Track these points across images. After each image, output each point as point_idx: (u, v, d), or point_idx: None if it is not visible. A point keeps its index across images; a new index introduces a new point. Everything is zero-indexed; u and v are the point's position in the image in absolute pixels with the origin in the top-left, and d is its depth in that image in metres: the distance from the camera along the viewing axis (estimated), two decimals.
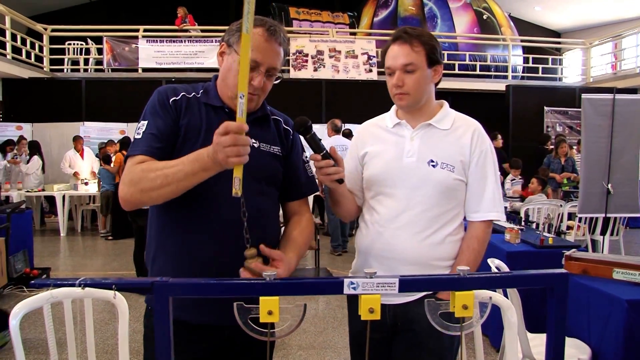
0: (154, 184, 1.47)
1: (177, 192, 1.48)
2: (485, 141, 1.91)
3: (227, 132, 1.33)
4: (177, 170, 1.45)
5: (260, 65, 1.61)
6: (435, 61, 1.88)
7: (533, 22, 18.82)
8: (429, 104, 1.94)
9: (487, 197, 1.89)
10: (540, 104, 12.00)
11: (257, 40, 1.60)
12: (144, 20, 13.46)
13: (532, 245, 4.17)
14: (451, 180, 1.85)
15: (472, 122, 1.96)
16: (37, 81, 11.49)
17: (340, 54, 11.75)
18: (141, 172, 1.49)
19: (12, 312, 1.99)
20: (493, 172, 1.91)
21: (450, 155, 1.87)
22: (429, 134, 1.91)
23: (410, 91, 1.86)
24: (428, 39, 1.87)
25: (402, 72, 1.85)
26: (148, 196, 1.50)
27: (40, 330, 4.39)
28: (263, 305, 0.92)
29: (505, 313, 2.01)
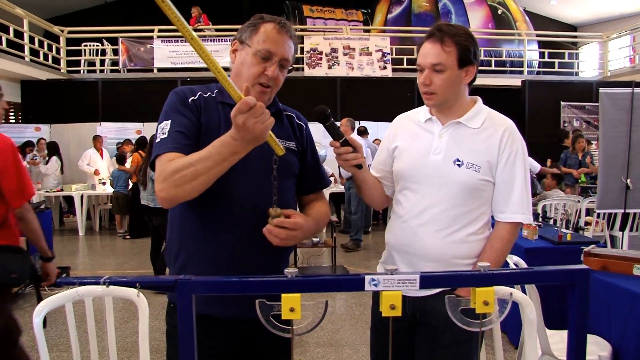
0: (187, 178, 1.47)
1: (209, 181, 1.48)
2: (516, 141, 1.88)
3: (245, 110, 1.35)
4: (207, 158, 1.45)
5: (273, 55, 1.65)
6: (467, 62, 1.85)
7: (549, 16, 18.63)
8: (460, 103, 1.92)
9: (514, 199, 1.87)
10: (557, 99, 11.87)
11: (269, 32, 1.65)
12: (158, 20, 13.50)
13: (550, 241, 4.15)
14: (475, 181, 1.84)
15: (503, 121, 1.93)
16: (55, 83, 11.63)
17: (354, 51, 11.74)
18: (173, 168, 1.50)
19: (35, 310, 2.03)
20: (522, 173, 1.87)
21: (477, 155, 1.85)
22: (457, 132, 1.90)
23: (437, 91, 1.85)
24: (463, 38, 1.84)
25: (431, 71, 1.84)
26: (183, 190, 1.49)
27: (61, 328, 4.45)
28: (285, 302, 0.93)
29: (524, 310, 2.00)
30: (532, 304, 1.99)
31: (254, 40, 1.66)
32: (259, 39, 1.65)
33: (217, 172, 1.47)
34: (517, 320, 2.68)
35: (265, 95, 1.68)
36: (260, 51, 1.64)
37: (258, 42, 1.65)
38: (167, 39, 12.01)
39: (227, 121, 1.64)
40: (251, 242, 1.64)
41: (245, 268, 1.62)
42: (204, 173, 1.45)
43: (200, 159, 1.46)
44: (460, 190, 1.84)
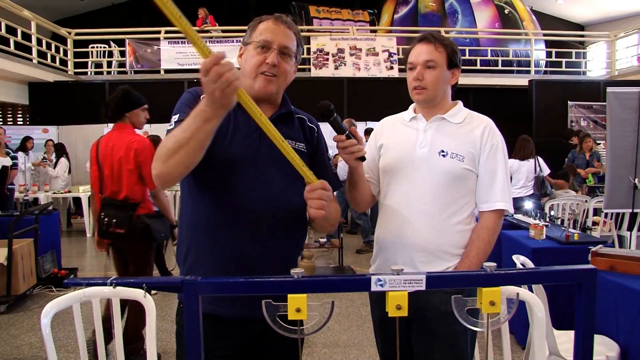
0: (170, 151, 1.47)
1: (191, 153, 1.46)
2: (496, 136, 2.02)
3: (202, 74, 1.32)
4: (184, 129, 1.44)
5: (271, 43, 1.68)
6: (454, 64, 2.03)
7: (555, 15, 18.55)
8: (444, 103, 2.07)
9: (496, 188, 1.99)
10: (564, 98, 11.81)
11: (266, 25, 1.71)
12: (165, 22, 13.49)
13: (558, 241, 4.13)
14: (460, 169, 1.96)
15: (484, 118, 2.08)
16: (62, 84, 11.69)
17: (361, 51, 11.73)
18: (161, 145, 1.53)
19: (43, 311, 2.04)
20: (503, 165, 2.01)
21: (460, 146, 1.98)
22: (442, 127, 2.04)
23: (428, 86, 2.00)
24: (450, 43, 2.03)
25: (423, 67, 1.99)
26: (169, 165, 1.49)
27: (69, 329, 4.47)
28: (291, 303, 0.94)
29: (532, 309, 2.00)
30: (541, 303, 1.98)
31: (253, 37, 1.72)
32: (257, 34, 1.71)
33: (196, 143, 1.44)
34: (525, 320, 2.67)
35: (271, 84, 1.70)
36: (259, 42, 1.69)
37: (256, 36, 1.70)
38: (173, 40, 12.04)
39: (236, 120, 1.68)
40: (260, 243, 1.64)
41: (254, 269, 1.63)
42: (184, 144, 1.44)
43: (179, 129, 1.46)
44: (446, 179, 1.96)
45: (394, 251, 2.01)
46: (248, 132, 1.67)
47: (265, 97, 1.73)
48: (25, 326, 4.80)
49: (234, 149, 1.64)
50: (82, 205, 9.61)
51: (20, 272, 5.41)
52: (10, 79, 10.62)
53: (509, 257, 3.18)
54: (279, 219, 1.67)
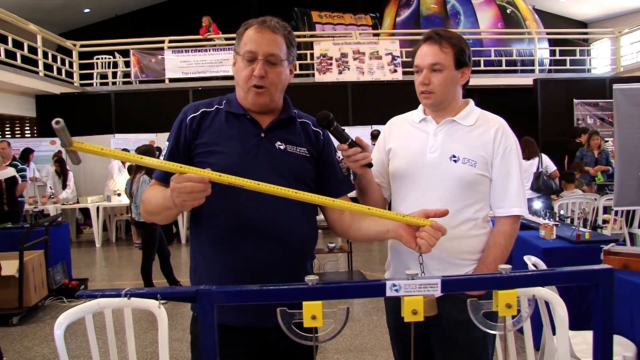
0: (150, 211, 1.69)
1: (168, 218, 1.69)
2: (509, 138, 1.95)
3: (175, 183, 1.41)
4: (155, 204, 1.64)
5: (256, 54, 1.65)
6: (463, 63, 1.93)
7: (558, 13, 18.47)
8: (454, 103, 1.99)
9: (511, 193, 1.92)
10: (570, 96, 11.76)
11: (250, 34, 1.68)
12: (168, 31, 13.65)
13: (568, 240, 4.11)
14: (473, 175, 1.89)
15: (496, 119, 2.00)
16: (69, 96, 11.75)
17: (364, 55, 11.73)
18: (145, 197, 1.71)
19: (56, 322, 2.04)
20: (517, 169, 1.94)
21: (472, 150, 1.91)
22: (453, 130, 1.96)
23: (435, 90, 1.91)
24: (457, 41, 1.92)
25: (429, 70, 1.91)
26: (152, 218, 1.71)
27: (81, 340, 4.48)
28: (306, 310, 0.93)
29: (554, 308, 1.99)
30: (562, 301, 1.97)
31: (240, 47, 1.70)
32: (243, 43, 1.68)
33: (168, 215, 1.65)
34: (536, 321, 2.65)
35: (262, 97, 1.69)
36: (244, 55, 1.67)
37: (242, 46, 1.68)
38: (177, 49, 12.09)
39: (231, 130, 1.70)
40: (267, 252, 1.63)
41: (263, 278, 1.61)
42: (157, 213, 1.66)
43: (155, 201, 1.64)
44: (458, 185, 1.89)
45: (408, 259, 1.95)
46: (244, 141, 1.67)
47: (261, 109, 1.72)
48: (38, 337, 4.82)
49: (232, 160, 1.63)
50: (91, 216, 9.63)
51: (32, 284, 5.44)
52: (17, 92, 10.69)
53: (520, 257, 3.16)
54: (285, 226, 1.66)
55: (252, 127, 1.71)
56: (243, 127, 1.69)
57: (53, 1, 14.65)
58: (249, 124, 1.71)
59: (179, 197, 1.41)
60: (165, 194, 1.52)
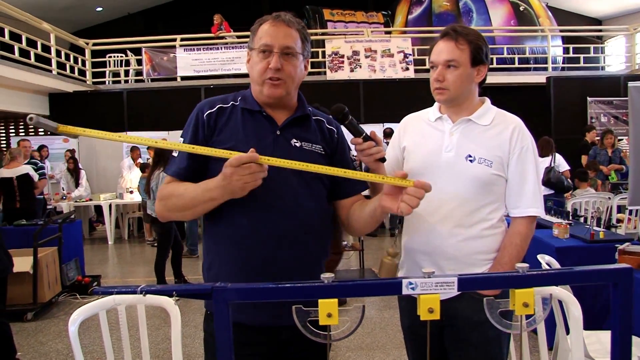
0: (177, 207, 1.64)
1: (196, 214, 1.64)
2: (526, 138, 1.93)
3: (235, 165, 1.42)
4: (192, 197, 1.59)
5: (272, 47, 1.65)
6: (479, 61, 1.91)
7: (572, 10, 18.30)
8: (469, 102, 1.97)
9: (527, 193, 1.91)
10: (583, 94, 11.65)
11: (265, 28, 1.68)
12: (180, 29, 13.70)
13: (582, 240, 4.07)
14: (488, 175, 1.88)
15: (513, 118, 1.98)
16: (81, 94, 11.83)
17: (376, 53, 11.68)
18: (167, 193, 1.66)
19: (70, 318, 2.06)
20: (534, 169, 1.92)
21: (488, 150, 1.89)
22: (469, 129, 1.94)
23: (449, 87, 1.90)
24: (475, 38, 1.90)
25: (444, 67, 1.89)
26: (174, 215, 1.68)
27: (94, 335, 4.51)
28: (322, 308, 0.93)
29: (568, 308, 1.98)
30: (577, 301, 1.95)
31: (255, 42, 1.70)
32: (258, 38, 1.69)
33: (202, 209, 1.61)
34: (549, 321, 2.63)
35: (279, 89, 1.68)
36: (259, 47, 1.67)
37: (257, 41, 1.68)
38: (189, 47, 12.12)
39: (246, 127, 1.69)
40: (281, 250, 1.63)
41: (278, 276, 1.60)
42: (190, 207, 1.61)
43: (189, 194, 1.59)
44: (474, 185, 1.88)
45: (422, 259, 1.95)
46: (260, 138, 1.67)
47: (277, 102, 1.71)
48: (52, 333, 4.87)
49: None
50: (103, 213, 9.70)
51: (46, 280, 5.49)
52: (31, 90, 10.77)
53: (533, 256, 3.13)
54: (300, 224, 1.65)
55: (268, 124, 1.71)
56: (259, 125, 1.69)
57: (66, 0, 14.76)
58: (264, 121, 1.71)
59: (240, 180, 1.42)
60: (208, 185, 1.53)
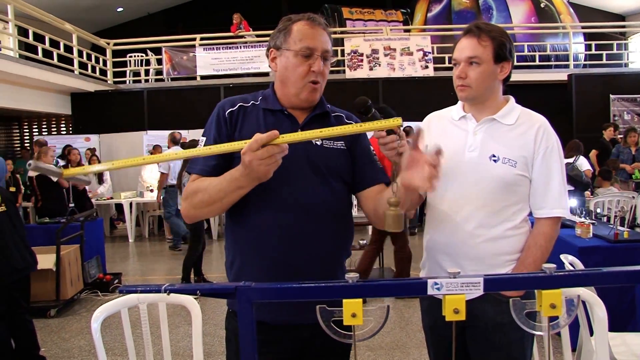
0: (203, 203, 1.60)
1: (223, 207, 1.61)
2: (551, 137, 1.90)
3: (255, 148, 1.39)
4: (218, 190, 1.56)
5: (314, 50, 1.65)
6: (502, 57, 1.87)
7: (594, 6, 18.03)
8: (493, 99, 1.94)
9: (552, 194, 1.87)
10: (606, 92, 11.48)
11: (303, 29, 1.66)
12: (200, 29, 13.78)
13: (606, 239, 4.01)
14: (512, 176, 1.85)
15: (537, 117, 1.95)
16: (102, 94, 11.95)
17: (395, 51, 11.62)
18: (192, 190, 1.63)
19: (93, 316, 2.09)
20: (559, 169, 1.89)
21: (512, 150, 1.87)
22: (493, 129, 1.91)
23: (471, 84, 1.87)
24: (498, 34, 1.87)
25: (466, 64, 1.87)
26: (200, 212, 1.65)
27: (115, 333, 4.56)
28: (347, 308, 0.92)
29: (592, 309, 1.94)
30: (601, 302, 1.92)
31: (290, 42, 1.67)
32: (295, 39, 1.66)
33: (229, 201, 1.57)
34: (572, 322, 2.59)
35: (316, 93, 1.69)
36: (300, 50, 1.65)
37: (295, 42, 1.66)
38: (209, 46, 12.19)
39: (267, 127, 1.65)
40: (302, 247, 1.63)
41: (298, 273, 1.61)
42: (217, 201, 1.58)
43: (214, 188, 1.57)
44: (498, 185, 1.85)
45: (443, 259, 1.94)
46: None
47: (310, 105, 1.72)
48: (75, 330, 4.93)
49: None
50: (124, 212, 9.79)
51: (68, 278, 5.56)
52: (54, 90, 10.92)
53: (555, 256, 3.09)
54: (320, 222, 1.65)
55: (289, 123, 1.71)
56: (280, 123, 1.68)
57: (87, 1, 14.93)
58: (285, 120, 1.71)
59: (261, 164, 1.39)
60: (233, 175, 1.51)
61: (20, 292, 3.90)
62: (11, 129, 14.25)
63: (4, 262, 3.67)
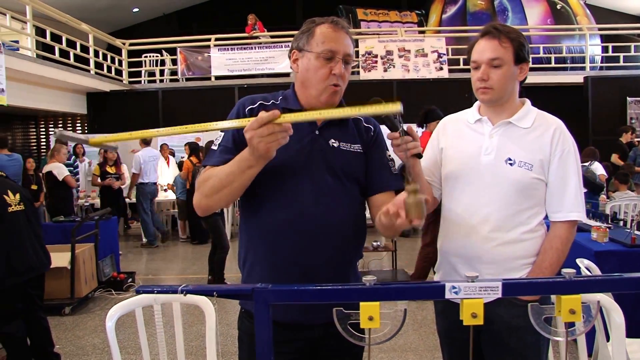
0: (213, 189, 1.59)
1: (234, 192, 1.58)
2: (567, 140, 1.88)
3: (255, 127, 1.39)
4: (228, 172, 1.55)
5: (336, 53, 1.66)
6: (522, 59, 1.87)
7: (611, 8, 17.84)
8: (511, 102, 1.93)
9: (569, 197, 1.86)
10: (622, 94, 11.35)
11: (326, 33, 1.67)
12: (214, 29, 13.83)
13: (623, 244, 3.96)
14: (528, 179, 1.84)
15: (553, 120, 1.93)
16: (118, 93, 12.04)
17: (409, 53, 11.58)
18: (203, 179, 1.64)
19: (108, 314, 2.11)
20: (575, 172, 1.87)
21: (529, 153, 1.85)
22: (509, 132, 1.90)
23: (494, 86, 1.86)
24: (517, 36, 1.86)
25: (488, 66, 1.85)
26: (212, 199, 1.62)
27: (128, 331, 4.59)
28: (364, 311, 0.92)
29: (609, 315, 1.92)
30: (619, 308, 1.90)
31: (312, 45, 1.67)
32: (318, 42, 1.66)
33: (239, 184, 1.56)
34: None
35: (337, 95, 1.70)
36: (322, 53, 1.65)
37: (317, 44, 1.66)
38: (223, 47, 12.23)
39: None
40: (315, 249, 1.63)
41: (310, 274, 1.62)
42: (227, 185, 1.56)
43: (224, 171, 1.56)
44: (513, 189, 1.84)
45: (458, 263, 1.93)
46: (299, 138, 1.66)
47: (330, 107, 1.72)
48: (89, 327, 4.97)
49: (286, 156, 1.62)
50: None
51: (83, 276, 5.61)
52: (70, 89, 11.02)
53: (570, 260, 3.06)
54: (334, 224, 1.65)
55: (307, 124, 1.71)
56: (298, 124, 1.68)
57: (103, 1, 15.06)
58: (304, 122, 1.71)
59: (261, 141, 1.40)
60: (241, 156, 1.51)
61: (35, 289, 3.95)
62: (28, 128, 14.39)
63: (19, 261, 3.72)
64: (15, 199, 3.80)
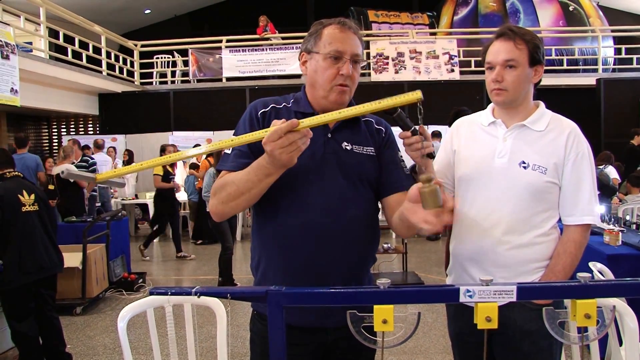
0: (231, 196, 1.58)
1: (251, 199, 1.57)
2: (582, 143, 1.87)
3: (275, 139, 1.39)
4: (246, 180, 1.54)
5: (343, 54, 1.65)
6: (537, 61, 1.86)
7: (624, 9, 17.68)
8: (525, 104, 1.92)
9: (582, 201, 1.84)
10: (635, 96, 11.24)
11: (333, 33, 1.67)
12: (226, 31, 13.88)
13: (636, 247, 3.92)
14: (542, 183, 1.82)
15: (568, 123, 1.92)
16: (129, 94, 12.11)
17: (421, 55, 11.57)
18: (220, 185, 1.62)
19: (119, 315, 2.12)
20: (590, 175, 1.86)
21: (543, 157, 1.84)
22: (522, 135, 1.89)
23: (508, 87, 1.85)
24: (531, 37, 1.86)
25: (503, 67, 1.84)
26: (229, 207, 1.61)
27: (139, 332, 4.61)
28: (377, 314, 0.91)
29: (623, 319, 1.90)
30: (633, 312, 1.88)
31: (320, 46, 1.67)
32: (325, 43, 1.67)
33: (257, 191, 1.55)
34: None
35: (345, 95, 1.69)
36: (329, 53, 1.65)
37: (324, 45, 1.66)
38: (234, 48, 12.26)
39: None
40: (328, 251, 1.63)
41: (323, 276, 1.61)
42: (245, 192, 1.55)
43: (241, 179, 1.55)
44: (527, 192, 1.83)
45: (471, 266, 1.92)
46: (312, 141, 1.65)
47: (339, 108, 1.71)
48: (100, 327, 5.00)
49: (299, 160, 1.60)
50: (149, 211, 9.89)
51: (94, 276, 5.64)
52: (82, 90, 11.10)
53: (582, 263, 3.03)
54: (347, 226, 1.65)
55: (320, 127, 1.71)
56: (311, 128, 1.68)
57: (116, 3, 15.15)
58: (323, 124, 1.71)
59: (283, 152, 1.39)
60: (259, 163, 1.50)
61: (48, 289, 3.98)
62: (40, 128, 14.51)
63: (30, 260, 3.75)
64: (29, 199, 3.83)
